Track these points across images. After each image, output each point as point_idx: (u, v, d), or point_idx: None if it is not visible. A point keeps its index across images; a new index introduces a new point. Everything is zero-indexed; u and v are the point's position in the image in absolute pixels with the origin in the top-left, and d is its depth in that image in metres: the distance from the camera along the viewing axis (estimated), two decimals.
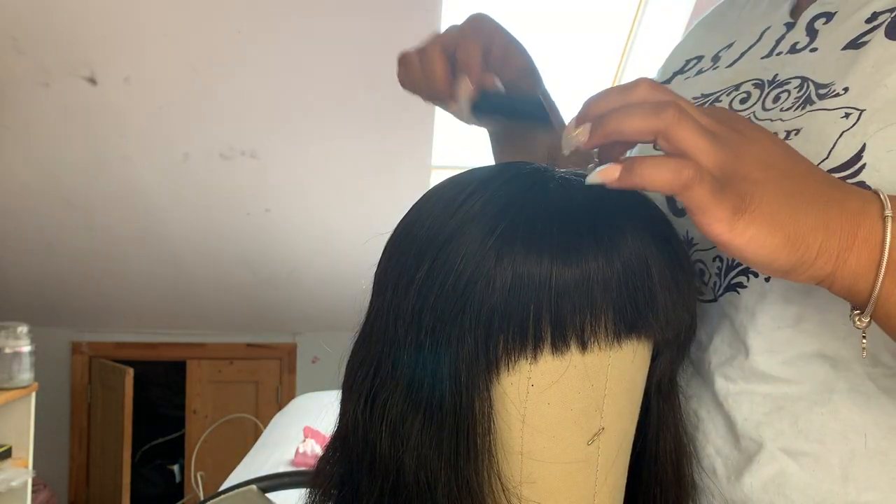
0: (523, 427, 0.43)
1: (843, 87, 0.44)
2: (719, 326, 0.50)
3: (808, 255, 0.36)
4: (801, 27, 0.51)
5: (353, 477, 0.45)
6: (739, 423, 0.48)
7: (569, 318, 0.41)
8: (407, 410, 0.42)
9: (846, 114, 0.43)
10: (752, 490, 0.47)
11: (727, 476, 0.49)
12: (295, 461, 1.99)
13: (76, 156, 2.31)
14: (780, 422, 0.47)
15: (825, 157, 0.43)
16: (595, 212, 0.42)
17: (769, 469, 0.47)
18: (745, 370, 0.48)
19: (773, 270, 0.37)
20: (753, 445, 0.48)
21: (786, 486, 0.46)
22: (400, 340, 0.43)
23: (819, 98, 0.46)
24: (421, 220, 0.45)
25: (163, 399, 3.63)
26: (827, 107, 0.44)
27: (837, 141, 0.42)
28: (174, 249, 2.76)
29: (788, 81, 0.49)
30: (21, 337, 2.32)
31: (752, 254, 0.36)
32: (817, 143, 0.43)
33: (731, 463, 0.49)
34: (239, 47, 2.00)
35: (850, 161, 0.41)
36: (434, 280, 0.42)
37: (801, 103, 0.47)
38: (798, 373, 0.46)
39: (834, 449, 0.45)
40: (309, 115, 2.23)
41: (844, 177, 0.42)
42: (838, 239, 0.36)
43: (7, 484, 2.18)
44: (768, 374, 0.47)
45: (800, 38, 0.50)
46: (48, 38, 1.92)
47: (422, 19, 1.94)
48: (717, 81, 0.56)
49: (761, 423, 0.47)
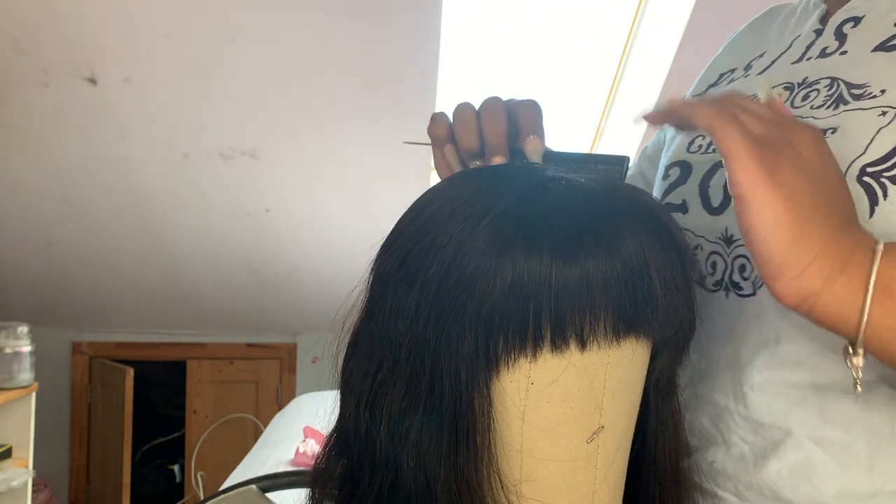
0: (523, 425, 0.43)
1: (881, 90, 0.46)
2: (755, 319, 0.51)
3: (804, 256, 0.37)
4: (829, 32, 0.53)
5: (353, 475, 0.45)
6: (766, 412, 0.49)
7: (568, 317, 0.41)
8: (407, 409, 0.43)
9: (883, 112, 0.45)
10: (778, 476, 0.48)
11: (753, 463, 0.50)
12: (295, 461, 1.99)
13: (76, 156, 2.31)
14: (807, 410, 0.47)
15: (862, 152, 0.44)
16: (595, 211, 0.42)
17: (796, 456, 0.48)
18: (775, 359, 0.49)
19: (766, 255, 0.38)
20: (780, 433, 0.49)
21: (812, 473, 0.47)
22: (400, 339, 0.43)
23: (854, 98, 0.47)
24: (420, 219, 0.45)
25: (163, 399, 3.63)
26: (863, 107, 0.46)
27: (875, 137, 0.44)
28: (174, 249, 2.76)
29: (818, 82, 0.51)
30: (21, 337, 2.32)
31: (761, 219, 0.37)
32: (854, 141, 0.45)
33: (757, 450, 0.50)
34: (239, 47, 2.00)
35: (887, 156, 0.43)
36: (434, 278, 0.42)
37: (833, 102, 0.48)
38: (828, 363, 0.46)
39: (860, 438, 0.46)
40: (309, 115, 2.23)
41: (881, 170, 0.43)
42: (833, 258, 0.38)
43: (7, 484, 2.18)
44: (799, 362, 0.48)
45: (829, 43, 0.53)
46: (48, 38, 1.92)
47: (422, 19, 1.94)
48: (748, 87, 0.58)
49: (789, 411, 0.48)
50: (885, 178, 0.43)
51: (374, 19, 1.93)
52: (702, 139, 0.59)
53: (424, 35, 1.99)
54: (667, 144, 0.67)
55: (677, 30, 2.09)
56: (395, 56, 2.06)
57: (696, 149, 0.59)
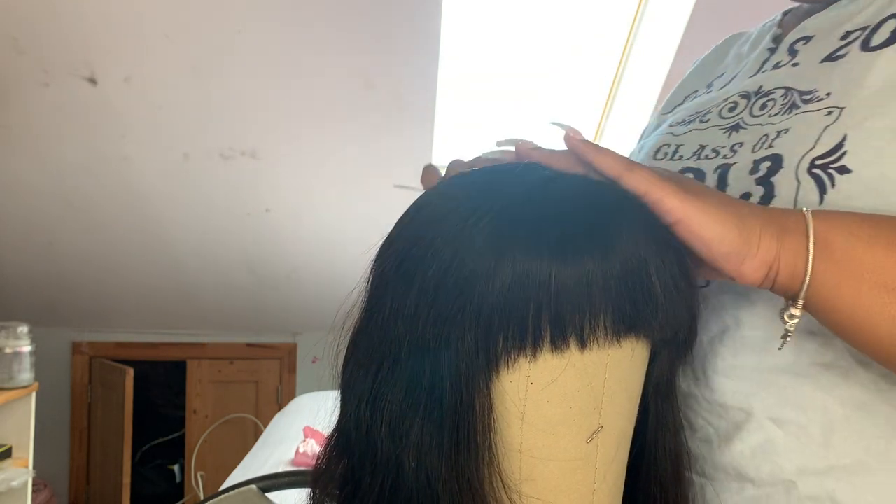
0: (523, 425, 0.43)
1: (826, 93, 0.51)
2: (714, 307, 0.54)
3: (754, 235, 0.42)
4: (783, 50, 0.59)
5: (354, 476, 0.45)
6: (729, 395, 0.53)
7: (568, 317, 0.41)
8: (407, 409, 0.43)
9: (829, 111, 0.49)
10: (742, 456, 0.52)
11: (718, 444, 0.54)
12: (295, 461, 1.98)
13: (76, 156, 2.31)
14: (767, 393, 0.51)
15: (812, 146, 0.49)
16: (594, 211, 0.42)
17: (758, 436, 0.51)
18: (737, 345, 0.53)
19: (726, 248, 0.42)
20: (742, 415, 0.52)
21: (773, 451, 0.51)
22: (400, 339, 0.43)
23: (804, 103, 0.52)
24: (419, 219, 0.45)
25: (163, 399, 3.63)
26: (812, 109, 0.51)
27: (822, 133, 0.49)
28: (174, 249, 2.76)
29: (773, 91, 0.56)
30: (21, 337, 2.32)
31: (708, 228, 0.42)
32: (805, 137, 0.50)
33: (721, 432, 0.54)
34: (239, 47, 2.00)
35: (834, 149, 0.48)
36: (433, 279, 0.42)
37: (787, 108, 0.54)
38: (786, 347, 0.49)
39: (815, 418, 0.49)
40: (309, 115, 2.23)
41: (828, 162, 0.48)
42: (774, 226, 0.43)
43: (7, 484, 2.18)
44: (759, 348, 0.51)
45: (782, 58, 0.58)
46: (48, 38, 1.92)
47: (422, 19, 1.94)
48: (709, 101, 0.64)
49: (750, 394, 0.52)
50: (832, 169, 0.48)
51: (374, 19, 1.93)
52: (667, 147, 0.64)
53: (424, 35, 1.99)
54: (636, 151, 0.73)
55: (677, 30, 2.09)
56: (395, 56, 2.06)
57: (662, 156, 0.64)
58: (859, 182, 0.46)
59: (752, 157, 0.53)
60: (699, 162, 0.59)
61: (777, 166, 0.50)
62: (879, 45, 0.49)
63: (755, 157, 0.53)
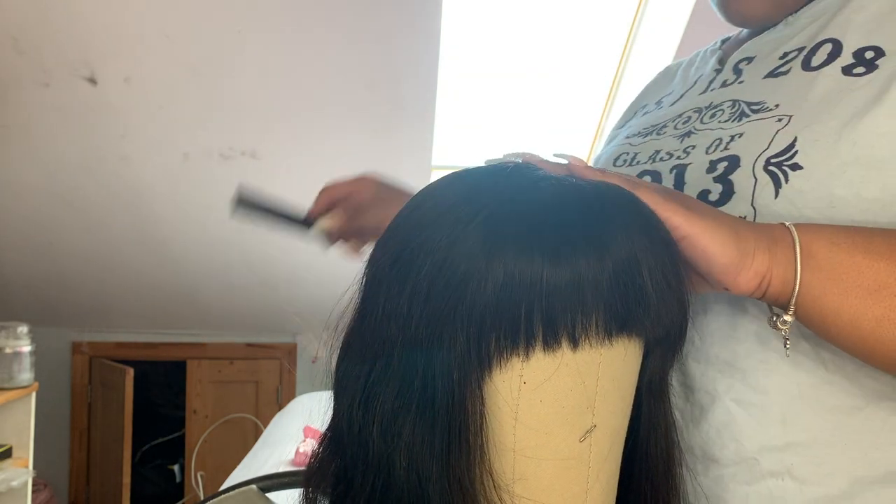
0: (515, 424, 0.43)
1: (775, 104, 0.58)
2: None
3: (749, 248, 0.46)
4: (728, 69, 0.67)
5: (346, 475, 0.45)
6: (697, 379, 0.58)
7: (560, 317, 0.41)
8: (399, 408, 0.43)
9: (779, 118, 0.56)
10: (708, 436, 0.57)
11: (685, 425, 0.59)
12: (295, 461, 1.99)
13: (76, 156, 2.31)
14: (731, 377, 0.56)
15: (766, 147, 0.55)
16: (586, 211, 0.43)
17: (722, 417, 0.56)
18: (703, 331, 0.57)
19: (725, 260, 0.46)
20: (708, 398, 0.57)
21: (736, 430, 0.55)
22: (393, 339, 0.43)
23: (753, 112, 0.59)
24: (412, 220, 0.45)
25: (163, 399, 3.64)
26: (763, 117, 0.58)
27: (775, 136, 0.55)
28: (174, 249, 2.76)
29: (722, 104, 0.63)
30: (21, 337, 2.32)
31: (708, 243, 0.46)
32: (758, 140, 0.56)
33: (688, 414, 0.59)
34: (239, 47, 2.00)
35: (786, 149, 0.54)
36: (426, 279, 0.42)
37: (736, 116, 0.60)
38: (748, 335, 0.55)
39: (776, 399, 0.54)
40: (309, 115, 2.24)
41: (782, 160, 0.54)
42: (765, 240, 0.47)
43: (7, 484, 2.18)
44: (723, 334, 0.56)
45: (728, 77, 0.66)
46: (48, 38, 1.92)
47: (422, 19, 1.94)
48: (661, 115, 0.71)
49: (717, 378, 0.57)
50: (785, 167, 0.53)
51: (374, 19, 1.94)
52: (626, 155, 0.71)
53: (424, 35, 1.99)
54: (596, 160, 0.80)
55: (677, 30, 2.09)
56: (395, 56, 2.06)
57: (622, 163, 0.70)
58: (809, 177, 0.52)
59: (707, 158, 0.59)
60: (654, 164, 0.65)
61: (734, 166, 0.56)
62: (819, 66, 0.57)
63: (711, 158, 0.59)
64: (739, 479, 0.55)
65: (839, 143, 0.52)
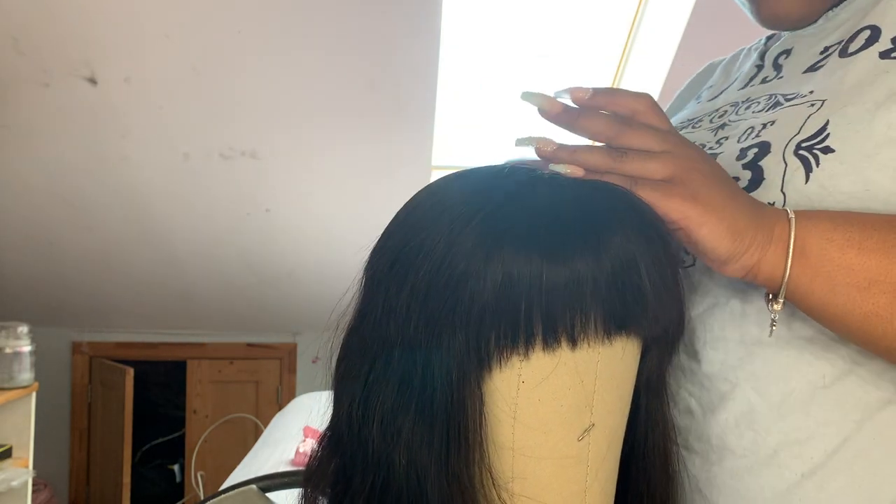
0: (514, 423, 0.43)
1: (809, 91, 0.57)
2: (700, 285, 0.57)
3: (743, 246, 0.46)
4: (769, 65, 0.66)
5: (345, 474, 0.46)
6: (717, 366, 0.56)
7: (559, 316, 0.41)
8: (399, 407, 0.43)
9: (812, 103, 0.55)
10: (726, 424, 0.55)
11: (702, 414, 0.56)
12: (295, 461, 1.99)
13: (76, 155, 2.31)
14: (752, 364, 0.54)
15: (797, 132, 0.54)
16: (584, 210, 0.43)
17: (741, 406, 0.54)
18: (724, 318, 0.56)
19: (715, 256, 0.46)
20: (727, 385, 0.55)
21: (755, 421, 0.53)
22: (392, 338, 0.43)
23: (787, 101, 0.58)
24: (411, 219, 0.45)
25: (163, 399, 3.64)
26: (795, 104, 0.56)
27: (806, 121, 0.54)
28: (174, 249, 2.76)
29: (759, 98, 0.62)
30: (21, 337, 2.32)
31: (703, 236, 0.46)
32: (790, 125, 0.55)
33: (705, 403, 0.56)
34: (239, 47, 2.00)
35: (818, 132, 0.53)
36: (426, 278, 0.42)
37: (771, 106, 0.59)
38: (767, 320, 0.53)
39: (797, 387, 0.52)
40: (309, 115, 2.24)
41: (813, 144, 0.53)
42: (762, 236, 0.47)
43: (7, 484, 2.18)
44: (744, 321, 0.55)
45: (769, 74, 0.65)
46: (48, 38, 1.92)
47: (422, 19, 1.94)
48: (698, 110, 0.70)
49: (737, 366, 0.55)
50: (816, 150, 0.52)
51: (374, 19, 1.94)
52: None
53: (424, 35, 1.99)
54: None
55: (677, 30, 2.10)
56: (395, 56, 2.06)
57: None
58: (842, 161, 0.51)
59: (738, 146, 0.58)
60: None
61: (764, 152, 0.55)
62: (856, 51, 0.56)
63: (742, 146, 0.57)
64: (756, 471, 0.53)
65: (873, 125, 0.50)
